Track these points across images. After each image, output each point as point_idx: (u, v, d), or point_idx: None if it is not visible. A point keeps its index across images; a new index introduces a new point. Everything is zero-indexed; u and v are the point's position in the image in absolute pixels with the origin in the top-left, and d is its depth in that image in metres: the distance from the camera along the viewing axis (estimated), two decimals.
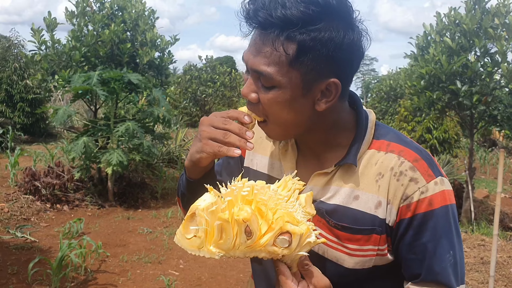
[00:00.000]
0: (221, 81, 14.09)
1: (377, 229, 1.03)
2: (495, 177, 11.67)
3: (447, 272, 1.03)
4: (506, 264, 5.20)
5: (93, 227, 5.82)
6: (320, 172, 1.09)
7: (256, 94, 1.00)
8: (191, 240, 0.91)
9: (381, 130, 1.11)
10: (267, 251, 0.90)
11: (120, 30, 6.58)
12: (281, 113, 1.00)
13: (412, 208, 1.01)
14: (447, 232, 1.03)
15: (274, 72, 0.95)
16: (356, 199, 1.05)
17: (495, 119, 6.76)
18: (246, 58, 1.00)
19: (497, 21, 6.02)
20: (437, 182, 1.02)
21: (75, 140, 6.08)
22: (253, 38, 0.99)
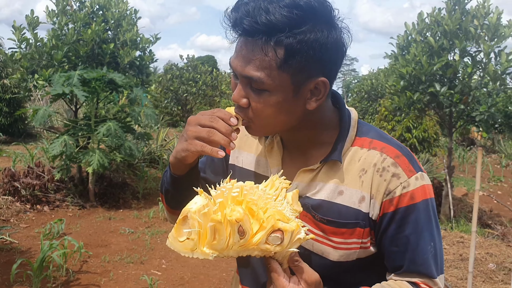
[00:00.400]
0: (203, 80, 14.04)
1: (360, 223, 1.07)
2: (473, 176, 11.87)
3: (429, 263, 1.07)
4: (484, 261, 5.30)
5: (74, 227, 5.76)
6: (306, 169, 1.12)
7: (246, 99, 1.02)
8: (184, 243, 0.92)
9: (363, 128, 1.15)
10: (260, 249, 0.92)
11: (101, 29, 6.52)
12: (272, 115, 1.03)
13: (395, 203, 1.05)
14: (428, 224, 1.08)
15: (264, 77, 0.98)
16: (341, 194, 1.09)
17: (474, 118, 6.88)
18: (234, 65, 1.02)
19: (476, 22, 6.13)
20: (418, 177, 1.07)
21: (56, 139, 6.02)
22: (240, 45, 1.01)
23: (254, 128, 1.07)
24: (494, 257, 5.40)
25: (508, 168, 13.25)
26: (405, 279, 1.08)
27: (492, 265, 5.15)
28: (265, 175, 1.20)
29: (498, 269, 5.08)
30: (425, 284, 1.07)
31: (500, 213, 7.96)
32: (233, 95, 1.04)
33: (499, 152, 15.71)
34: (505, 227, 6.88)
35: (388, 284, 1.08)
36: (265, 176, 1.20)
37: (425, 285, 1.07)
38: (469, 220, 6.96)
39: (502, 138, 17.08)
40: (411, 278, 1.08)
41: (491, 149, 16.63)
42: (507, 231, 6.59)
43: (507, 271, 5.00)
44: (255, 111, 1.03)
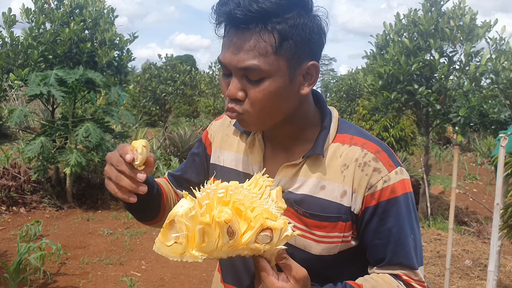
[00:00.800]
0: (181, 79, 13.95)
1: (342, 217, 1.09)
2: (449, 174, 12.07)
3: (410, 255, 1.11)
4: (461, 257, 5.40)
5: (52, 229, 5.68)
6: (288, 164, 1.14)
7: (243, 92, 1.03)
8: (172, 247, 0.91)
9: (344, 125, 1.18)
10: (250, 249, 0.93)
11: (79, 28, 6.44)
12: (271, 103, 1.04)
13: (377, 196, 1.08)
14: (409, 217, 1.11)
15: (262, 64, 1.00)
16: (323, 189, 1.11)
17: (450, 118, 7.00)
18: (227, 60, 1.02)
19: (452, 23, 6.23)
20: (398, 172, 1.10)
21: (32, 140, 5.92)
22: (230, 39, 1.03)
23: (249, 120, 1.07)
24: (470, 253, 5.50)
25: (483, 166, 13.51)
26: (387, 271, 1.11)
27: (469, 262, 5.25)
28: (247, 173, 1.21)
29: (474, 265, 5.18)
30: (407, 276, 1.10)
31: (476, 210, 8.12)
32: (229, 90, 1.04)
33: (474, 151, 16.00)
34: (480, 224, 7.02)
35: (371, 277, 1.10)
36: (247, 173, 1.21)
37: (406, 277, 1.10)
38: (445, 218, 7.08)
39: (477, 137, 17.40)
40: (393, 270, 1.11)
41: (466, 147, 16.92)
42: (482, 228, 6.73)
43: (482, 267, 5.11)
44: (253, 102, 1.03)
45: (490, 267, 3.22)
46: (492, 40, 6.28)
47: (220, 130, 1.32)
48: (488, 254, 5.39)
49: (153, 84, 13.88)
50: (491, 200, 9.06)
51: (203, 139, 1.37)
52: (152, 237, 5.69)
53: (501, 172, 3.04)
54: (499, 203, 3.06)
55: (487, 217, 7.41)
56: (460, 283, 4.73)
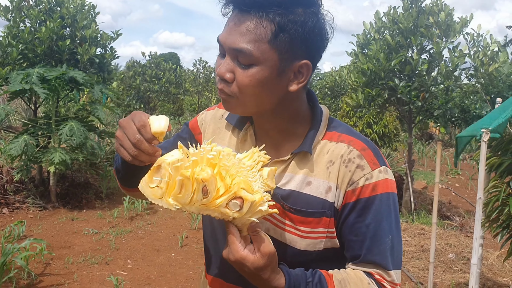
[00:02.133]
0: (166, 77, 13.88)
1: (326, 212, 1.11)
2: (432, 169, 12.23)
3: (385, 254, 1.10)
4: (444, 251, 5.47)
5: (36, 229, 5.62)
6: (277, 160, 1.16)
7: (231, 73, 1.04)
8: (153, 190, 0.96)
9: (333, 123, 1.20)
10: (220, 212, 0.96)
11: (57, 26, 6.35)
12: (256, 91, 1.05)
13: (357, 193, 1.09)
14: (388, 217, 1.11)
15: (254, 49, 1.01)
16: (309, 185, 1.13)
17: (432, 114, 7.09)
18: (223, 39, 1.04)
19: (431, 19, 6.31)
20: (381, 171, 1.11)
21: (15, 139, 5.84)
22: (231, 19, 1.04)
23: (234, 104, 1.09)
24: (454, 247, 5.59)
25: (465, 162, 13.70)
26: (361, 268, 1.11)
27: (452, 255, 5.33)
28: None
29: (457, 259, 5.27)
30: (379, 275, 1.10)
31: (458, 204, 8.24)
32: (219, 69, 1.05)
33: None
34: (463, 218, 7.13)
35: (344, 270, 1.11)
36: None
37: (379, 276, 1.10)
38: (429, 212, 7.17)
39: (459, 132, 17.62)
40: (367, 268, 1.11)
41: (448, 143, 17.14)
42: (465, 222, 6.83)
43: (465, 261, 5.19)
44: (240, 86, 1.04)
45: (473, 260, 3.27)
46: (470, 36, 6.39)
47: (212, 122, 1.32)
48: (470, 247, 5.48)
49: (137, 81, 13.79)
50: (473, 194, 9.20)
51: (190, 127, 1.36)
52: (138, 236, 5.67)
53: (483, 167, 3.09)
54: (481, 197, 3.12)
55: (469, 211, 7.53)
56: (444, 277, 4.81)
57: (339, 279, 1.06)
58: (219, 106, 1.34)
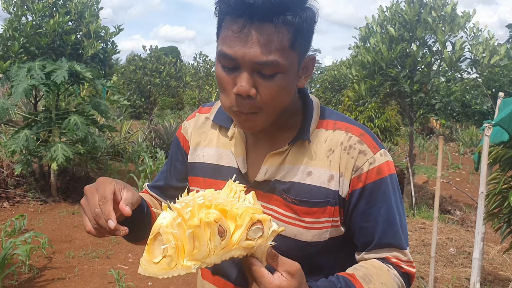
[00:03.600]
0: (166, 71, 13.84)
1: (331, 201, 1.09)
2: (433, 163, 12.22)
3: (399, 235, 1.12)
4: (445, 245, 5.48)
5: (37, 223, 5.62)
6: (274, 152, 1.13)
7: (254, 88, 0.98)
8: (160, 263, 0.86)
9: (325, 112, 1.18)
10: (242, 248, 0.89)
11: (65, 21, 6.35)
12: (281, 98, 1.02)
13: (363, 179, 1.09)
14: (394, 198, 1.12)
15: (280, 58, 0.96)
16: (309, 175, 1.11)
17: (433, 107, 7.08)
18: (239, 54, 0.96)
19: (434, 14, 6.29)
20: (382, 154, 1.12)
21: (15, 133, 5.83)
22: (242, 31, 0.96)
23: (258, 119, 1.03)
24: (454, 241, 5.59)
25: (465, 156, 13.69)
26: (375, 255, 1.11)
27: (453, 250, 5.33)
28: (230, 166, 1.19)
29: (458, 253, 5.27)
30: (396, 258, 1.11)
31: (459, 199, 8.24)
32: (242, 87, 0.97)
33: (457, 141, 16.21)
34: (463, 212, 7.12)
35: (361, 265, 1.10)
36: (230, 167, 1.19)
37: (395, 259, 1.11)
38: (430, 207, 7.17)
39: (459, 127, 17.62)
40: (382, 253, 1.11)
41: (449, 137, 17.14)
42: (465, 217, 6.83)
43: (466, 255, 5.19)
44: (266, 98, 0.99)
45: (475, 255, 3.27)
46: (469, 30, 6.38)
47: (195, 129, 1.28)
48: (471, 242, 5.49)
49: (138, 76, 13.76)
50: (474, 189, 9.20)
51: (181, 143, 1.32)
52: None
53: (485, 161, 3.08)
54: (483, 192, 3.11)
55: (470, 205, 7.53)
56: (445, 271, 4.81)
57: (361, 275, 1.04)
58: (199, 112, 1.30)
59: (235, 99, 1.00)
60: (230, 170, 1.18)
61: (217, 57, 1.02)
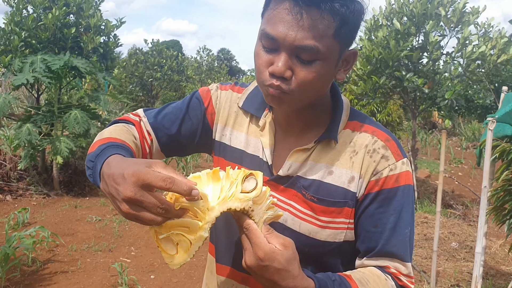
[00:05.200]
0: (168, 65, 13.81)
1: (349, 202, 1.09)
2: (435, 158, 12.21)
3: (405, 246, 1.09)
4: (447, 240, 5.48)
5: (39, 216, 5.63)
6: (299, 149, 1.12)
7: (290, 70, 0.98)
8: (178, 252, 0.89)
9: (355, 113, 1.17)
10: (238, 199, 0.91)
11: (62, 14, 6.32)
12: (317, 85, 1.02)
13: (380, 183, 1.08)
14: (408, 209, 1.10)
15: (320, 45, 0.96)
16: (330, 174, 1.10)
17: (436, 102, 7.05)
18: (281, 35, 0.96)
19: (442, 10, 6.25)
20: (404, 162, 1.10)
21: (18, 127, 5.84)
22: (287, 13, 0.96)
23: (288, 100, 1.02)
24: (457, 236, 5.59)
25: (468, 150, 13.67)
26: (376, 262, 1.09)
27: (455, 244, 5.33)
28: (255, 155, 1.18)
29: (460, 247, 5.27)
30: (395, 269, 1.09)
31: (461, 193, 8.23)
32: (278, 67, 0.97)
33: (460, 135, 16.18)
34: (466, 207, 7.12)
35: (359, 270, 1.08)
36: (255, 156, 1.18)
37: (395, 270, 1.09)
38: (432, 201, 7.16)
39: (462, 121, 17.57)
40: (383, 261, 1.09)
41: (452, 132, 17.10)
42: (468, 211, 6.83)
43: (468, 249, 5.19)
44: (301, 83, 0.99)
45: (477, 249, 3.27)
46: (481, 26, 6.33)
47: (227, 104, 1.25)
48: (473, 236, 5.48)
49: (140, 69, 13.74)
50: (476, 183, 9.19)
51: (205, 104, 1.25)
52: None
53: (489, 156, 3.07)
54: (486, 186, 3.10)
55: (473, 200, 7.52)
56: (447, 265, 4.81)
57: (358, 278, 1.03)
58: (232, 89, 1.27)
59: (268, 76, 1.00)
60: (254, 158, 1.18)
61: (259, 36, 1.02)
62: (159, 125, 1.23)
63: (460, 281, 4.45)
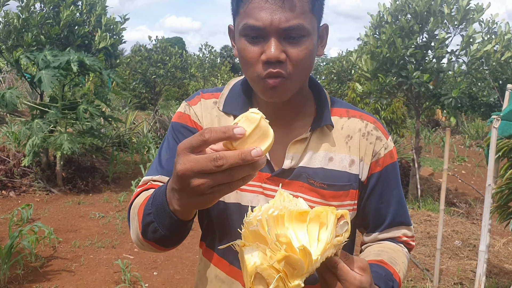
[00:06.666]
0: (172, 62, 13.80)
1: (353, 185, 1.15)
2: (438, 156, 12.18)
3: (407, 213, 1.24)
4: (450, 238, 5.46)
5: (42, 213, 5.65)
6: (297, 140, 1.14)
7: (283, 53, 1.00)
8: None
9: (335, 100, 1.23)
10: (333, 245, 0.87)
11: (75, 12, 6.37)
12: (309, 62, 1.04)
13: (381, 162, 1.17)
14: (399, 179, 1.23)
15: (304, 22, 0.99)
16: (331, 161, 1.14)
17: (439, 100, 7.02)
18: (266, 21, 0.98)
19: (445, 7, 6.21)
20: (391, 140, 1.21)
21: (27, 123, 5.84)
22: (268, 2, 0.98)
23: (288, 86, 1.03)
24: (460, 234, 5.57)
25: (471, 149, 13.62)
26: (388, 234, 1.21)
27: (458, 242, 5.32)
28: None
29: (464, 245, 5.25)
30: (405, 236, 1.23)
31: (465, 191, 8.20)
32: (272, 53, 0.98)
33: (463, 133, 16.12)
34: (469, 205, 7.10)
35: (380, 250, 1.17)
36: None
37: (405, 237, 1.23)
38: (435, 199, 7.14)
39: (465, 119, 17.51)
40: (395, 232, 1.22)
41: (455, 130, 17.04)
42: (471, 209, 6.80)
43: (471, 248, 5.18)
44: (296, 62, 1.01)
45: (481, 247, 3.26)
46: (485, 23, 6.30)
47: (205, 113, 1.20)
48: (477, 234, 5.47)
49: (143, 66, 13.74)
50: (480, 181, 9.16)
51: (190, 126, 1.20)
52: None
53: (493, 154, 3.06)
54: (490, 184, 3.09)
55: (476, 198, 7.50)
56: (450, 263, 4.80)
57: (388, 260, 1.12)
58: (202, 97, 1.23)
59: (262, 67, 1.01)
60: None
61: (240, 33, 1.02)
62: (170, 169, 1.16)
63: (464, 279, 4.44)
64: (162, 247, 1.04)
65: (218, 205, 1.17)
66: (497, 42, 6.16)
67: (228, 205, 1.16)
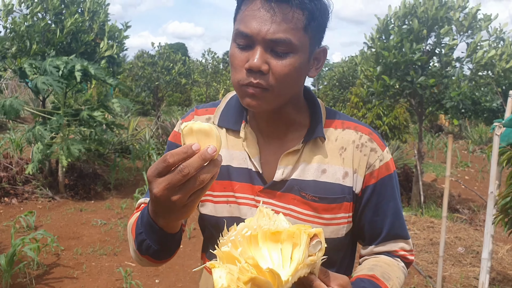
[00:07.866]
0: (177, 69, 13.80)
1: (346, 197, 1.14)
2: (441, 161, 12.14)
3: (404, 226, 1.22)
4: (453, 244, 5.44)
5: (45, 220, 5.65)
6: (289, 151, 1.14)
7: (266, 64, 1.01)
8: None
9: (330, 112, 1.22)
10: (306, 265, 0.87)
11: (80, 20, 6.40)
12: (293, 79, 1.05)
13: (375, 175, 1.15)
14: (398, 192, 1.21)
15: (292, 38, 1.00)
16: (324, 173, 1.14)
17: (443, 104, 7.00)
18: (255, 30, 1.00)
19: (452, 14, 6.21)
20: (387, 151, 1.19)
21: (28, 130, 5.86)
22: (259, 10, 1.01)
23: (268, 98, 1.04)
24: (463, 241, 5.55)
25: (474, 154, 13.58)
26: (385, 248, 1.19)
27: (461, 249, 5.29)
28: (243, 167, 1.16)
29: (467, 252, 5.23)
30: (402, 250, 1.20)
31: (468, 197, 8.17)
32: (254, 62, 1.00)
33: (466, 138, 16.09)
34: (472, 211, 7.07)
35: (374, 264, 1.15)
36: (243, 168, 1.16)
37: (402, 251, 1.20)
38: (438, 205, 7.12)
39: (469, 124, 17.48)
40: (391, 245, 1.19)
41: (458, 135, 17.01)
42: (474, 216, 6.77)
43: (475, 254, 5.15)
44: (278, 76, 1.02)
45: (484, 255, 3.24)
46: (493, 30, 6.30)
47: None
48: (480, 241, 5.44)
49: (147, 71, 13.75)
50: (483, 187, 9.13)
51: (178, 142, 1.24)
52: None
53: (495, 161, 3.04)
54: (493, 192, 3.07)
55: (479, 204, 7.46)
56: (453, 270, 4.77)
57: (380, 275, 1.11)
58: (196, 114, 1.25)
59: (246, 75, 1.03)
60: (243, 171, 1.17)
61: (233, 37, 1.06)
62: None
63: (467, 286, 4.41)
64: (157, 261, 1.12)
65: (213, 219, 1.20)
66: (503, 51, 6.16)
67: (221, 219, 1.16)
